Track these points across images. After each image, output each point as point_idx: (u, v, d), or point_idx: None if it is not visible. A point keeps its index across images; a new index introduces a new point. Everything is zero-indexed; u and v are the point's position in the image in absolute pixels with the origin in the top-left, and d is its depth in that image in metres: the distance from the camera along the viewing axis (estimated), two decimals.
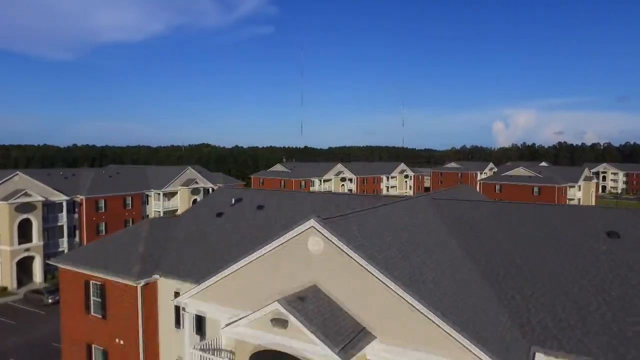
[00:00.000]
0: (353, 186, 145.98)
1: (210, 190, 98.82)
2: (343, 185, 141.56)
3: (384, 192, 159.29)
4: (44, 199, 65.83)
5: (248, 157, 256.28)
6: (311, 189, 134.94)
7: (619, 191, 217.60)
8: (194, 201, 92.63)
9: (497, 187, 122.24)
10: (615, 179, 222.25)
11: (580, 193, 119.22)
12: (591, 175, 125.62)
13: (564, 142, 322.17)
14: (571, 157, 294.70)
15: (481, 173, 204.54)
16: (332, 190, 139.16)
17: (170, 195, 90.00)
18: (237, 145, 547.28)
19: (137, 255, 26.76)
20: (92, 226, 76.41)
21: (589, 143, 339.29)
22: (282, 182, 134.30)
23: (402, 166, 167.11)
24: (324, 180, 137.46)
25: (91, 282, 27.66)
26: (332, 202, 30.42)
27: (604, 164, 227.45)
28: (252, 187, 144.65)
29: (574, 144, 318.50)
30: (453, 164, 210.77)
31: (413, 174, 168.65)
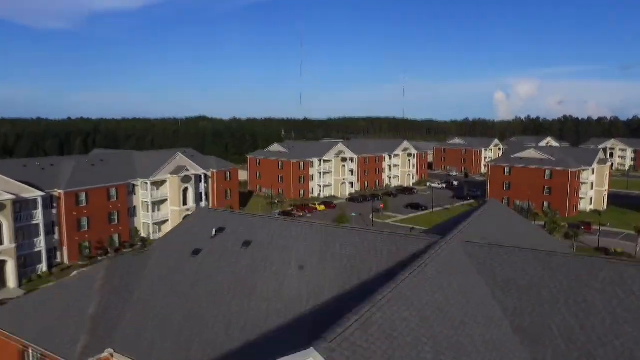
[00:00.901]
0: (354, 166, 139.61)
1: (203, 177, 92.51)
2: (344, 165, 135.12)
3: (387, 172, 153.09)
4: (14, 197, 59.56)
5: (246, 132, 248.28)
6: (310, 170, 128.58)
7: (627, 168, 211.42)
8: (185, 190, 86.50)
9: (507, 169, 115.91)
10: (623, 155, 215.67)
11: (594, 177, 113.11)
12: (605, 158, 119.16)
13: (569, 115, 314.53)
14: (577, 132, 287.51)
15: (486, 150, 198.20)
16: (333, 171, 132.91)
17: (160, 183, 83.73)
18: (235, 117, 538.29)
19: (84, 321, 20.73)
20: (73, 222, 70.42)
21: (594, 115, 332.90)
22: (280, 163, 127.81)
23: (405, 144, 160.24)
24: (324, 161, 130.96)
25: (30, 351, 21.70)
26: (335, 241, 24.26)
27: (612, 140, 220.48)
28: (249, 168, 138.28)
29: (579, 118, 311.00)
30: (457, 140, 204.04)
31: (416, 151, 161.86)
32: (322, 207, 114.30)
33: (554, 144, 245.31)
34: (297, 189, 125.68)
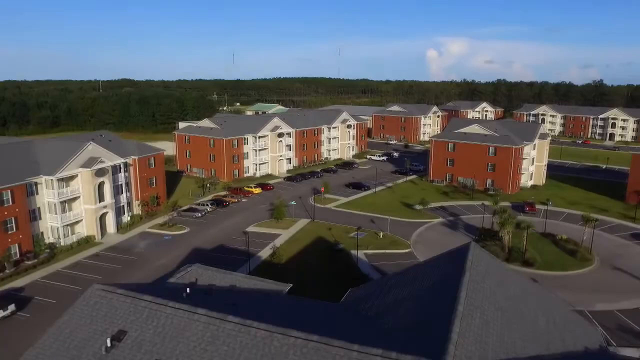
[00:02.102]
0: (292, 141, 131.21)
1: (122, 167, 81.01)
2: (281, 141, 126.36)
3: (325, 145, 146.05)
4: None
5: (174, 100, 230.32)
6: (244, 148, 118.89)
7: (556, 134, 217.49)
8: (101, 185, 75.05)
9: (450, 145, 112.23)
10: (554, 121, 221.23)
11: (535, 152, 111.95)
12: (545, 132, 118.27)
13: (503, 79, 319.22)
14: (509, 96, 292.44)
15: (425, 117, 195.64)
16: (269, 148, 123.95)
17: (69, 179, 71.68)
18: (163, 80, 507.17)
19: None
20: None
21: (525, 79, 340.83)
22: (211, 141, 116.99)
23: (345, 115, 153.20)
24: (259, 137, 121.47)
25: None
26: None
27: (544, 107, 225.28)
28: (177, 146, 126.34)
29: (512, 81, 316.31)
30: (396, 107, 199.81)
31: (355, 122, 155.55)
32: (259, 190, 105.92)
33: (489, 109, 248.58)
34: (230, 168, 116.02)
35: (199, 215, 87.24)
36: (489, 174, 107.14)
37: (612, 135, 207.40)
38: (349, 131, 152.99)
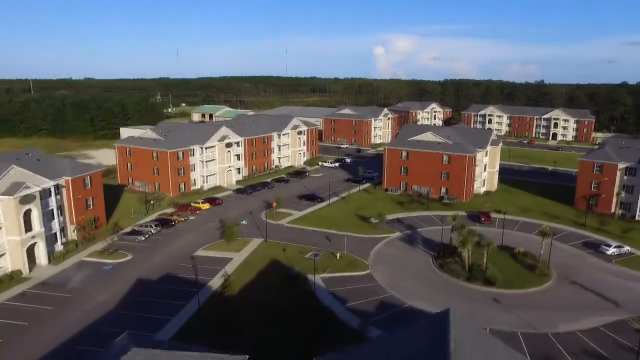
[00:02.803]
0: (241, 150, 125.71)
1: (53, 190, 73.35)
2: (229, 151, 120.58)
3: (276, 152, 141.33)
4: None
5: (115, 104, 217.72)
6: (191, 160, 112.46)
7: (503, 134, 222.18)
8: (27, 213, 67.42)
9: (404, 154, 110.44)
10: (500, 121, 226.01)
11: (487, 158, 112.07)
12: (497, 139, 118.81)
13: (450, 78, 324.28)
14: (457, 96, 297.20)
15: (376, 120, 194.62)
16: (217, 158, 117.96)
17: None
18: (103, 79, 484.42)
19: None
20: None
21: (470, 77, 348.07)
22: (155, 153, 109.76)
23: (295, 121, 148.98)
24: (206, 148, 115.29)
25: None
26: None
27: (490, 107, 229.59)
28: (118, 158, 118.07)
29: (458, 78, 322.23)
30: (347, 110, 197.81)
31: (306, 127, 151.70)
32: (207, 206, 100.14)
33: (438, 109, 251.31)
34: (176, 182, 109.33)
35: (143, 238, 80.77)
36: (443, 182, 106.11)
37: (555, 135, 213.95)
38: (300, 137, 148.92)
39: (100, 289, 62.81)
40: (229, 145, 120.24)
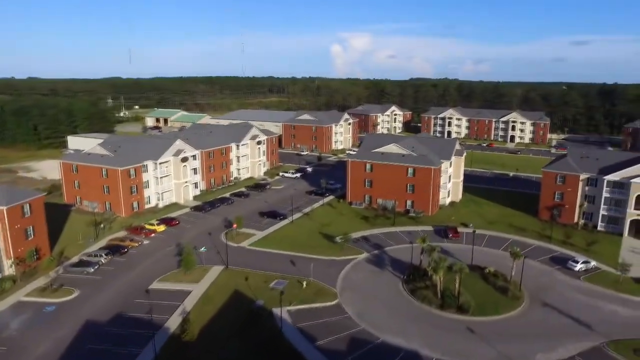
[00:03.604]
0: (197, 164, 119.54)
1: None
2: (185, 165, 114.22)
3: (235, 163, 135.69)
4: None
5: (61, 110, 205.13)
6: (144, 176, 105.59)
7: (462, 136, 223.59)
8: None
9: (368, 166, 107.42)
10: (459, 124, 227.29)
11: (452, 169, 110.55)
12: (461, 149, 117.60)
13: (409, 78, 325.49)
14: (416, 98, 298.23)
15: (336, 125, 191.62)
16: (172, 174, 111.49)
17: None
18: (49, 79, 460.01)
19: None
20: None
21: (427, 76, 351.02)
22: (104, 171, 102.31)
23: (254, 131, 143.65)
24: (160, 164, 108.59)
25: None
26: None
27: (450, 110, 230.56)
28: (63, 176, 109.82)
29: (417, 77, 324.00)
30: (306, 116, 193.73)
31: (265, 137, 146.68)
32: (162, 227, 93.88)
33: (398, 112, 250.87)
34: (128, 201, 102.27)
35: (92, 270, 74.18)
36: (409, 195, 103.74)
37: (512, 137, 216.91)
38: (259, 147, 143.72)
39: (41, 336, 56.30)
40: (184, 159, 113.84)
